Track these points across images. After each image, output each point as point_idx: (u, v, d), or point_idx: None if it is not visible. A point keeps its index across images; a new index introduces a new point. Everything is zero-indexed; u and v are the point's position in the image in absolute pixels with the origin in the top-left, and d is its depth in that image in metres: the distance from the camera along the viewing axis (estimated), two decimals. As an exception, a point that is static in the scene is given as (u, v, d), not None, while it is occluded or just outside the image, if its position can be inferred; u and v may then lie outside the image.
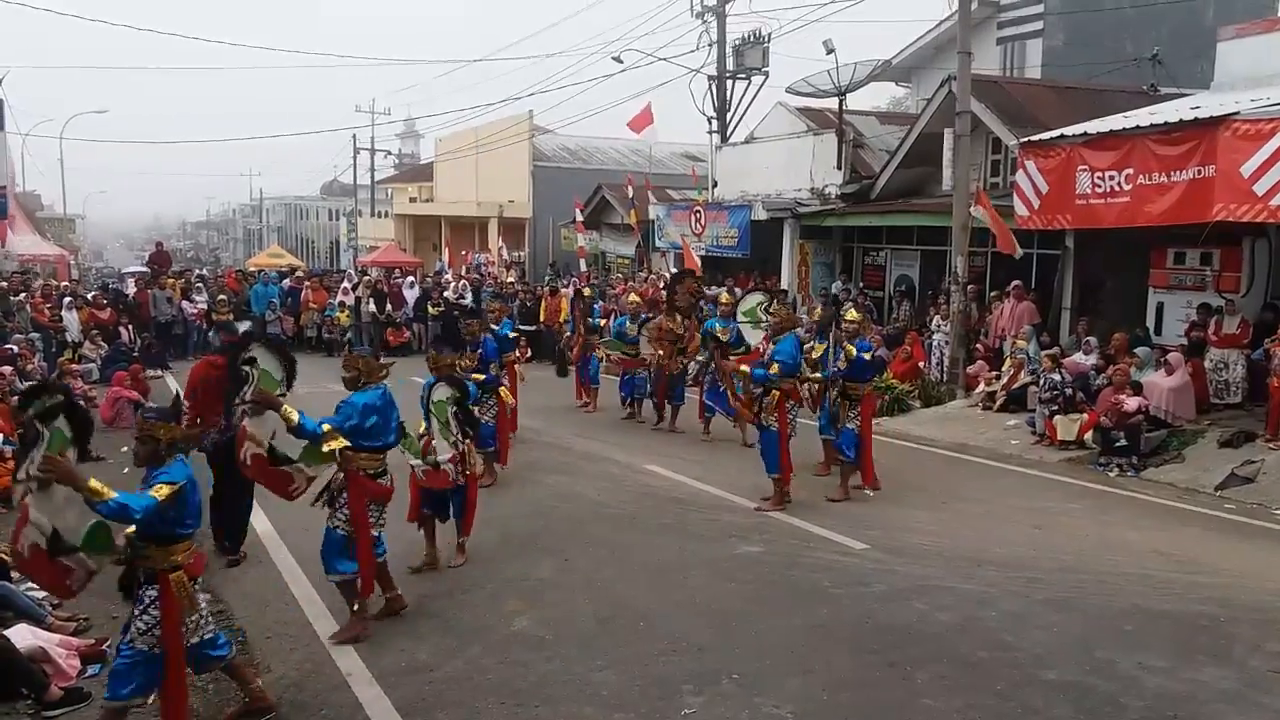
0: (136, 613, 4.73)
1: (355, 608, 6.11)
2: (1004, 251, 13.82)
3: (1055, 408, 11.82)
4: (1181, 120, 11.09)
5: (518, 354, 11.07)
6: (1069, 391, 11.84)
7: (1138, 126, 11.59)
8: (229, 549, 7.81)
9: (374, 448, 6.14)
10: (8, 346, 14.05)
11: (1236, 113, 10.33)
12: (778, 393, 8.69)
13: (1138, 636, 6.06)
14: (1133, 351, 11.95)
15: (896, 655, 5.78)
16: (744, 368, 8.85)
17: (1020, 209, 13.13)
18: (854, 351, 9.13)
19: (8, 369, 12.33)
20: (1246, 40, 13.15)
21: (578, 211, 26.90)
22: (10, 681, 5.38)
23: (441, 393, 7.21)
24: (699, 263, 20.22)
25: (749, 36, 22.75)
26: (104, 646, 6.00)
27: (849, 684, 5.45)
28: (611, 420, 13.57)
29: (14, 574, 7.03)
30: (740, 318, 11.86)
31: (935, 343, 15.32)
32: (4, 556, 7.20)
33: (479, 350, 9.49)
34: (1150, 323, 12.96)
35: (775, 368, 8.61)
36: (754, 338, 11.62)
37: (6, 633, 5.61)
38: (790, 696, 5.27)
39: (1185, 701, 5.22)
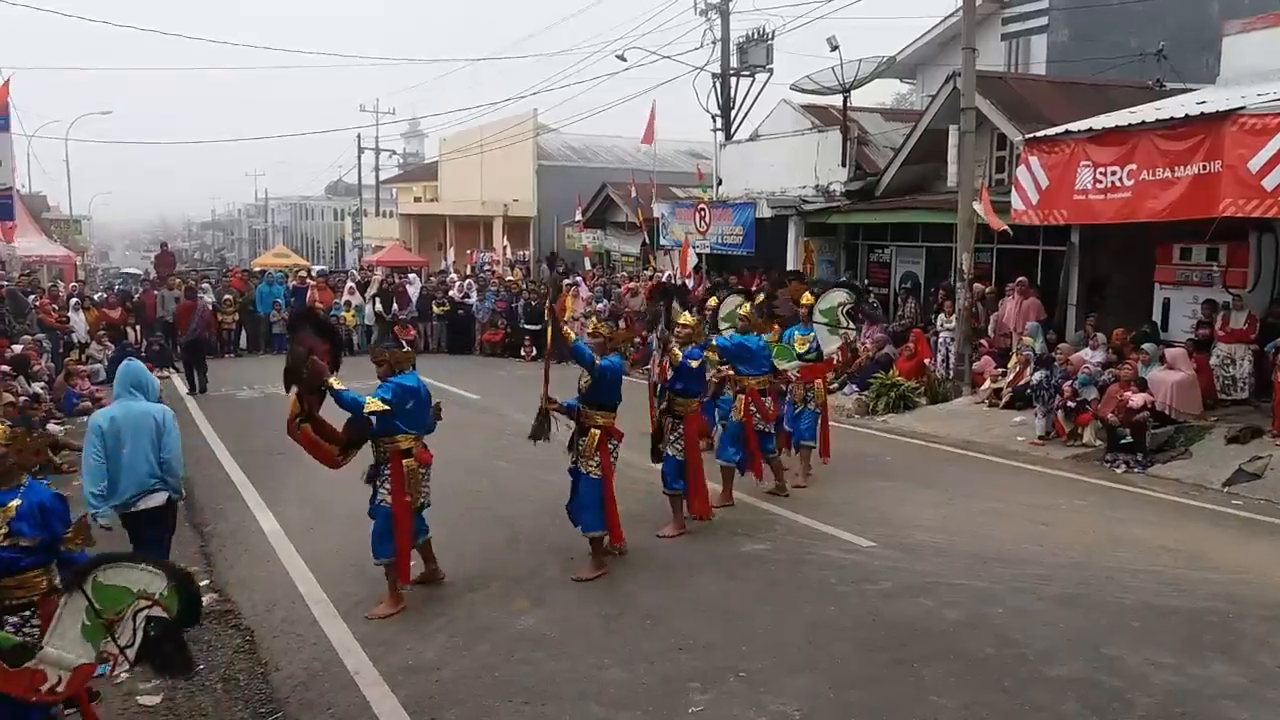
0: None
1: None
2: (993, 228, 13.72)
3: (1046, 407, 11.86)
4: (1187, 115, 11.06)
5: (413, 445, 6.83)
6: (1061, 390, 11.82)
7: (1143, 122, 11.56)
8: (195, 389, 15.85)
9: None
10: (15, 345, 14.10)
11: (1243, 107, 10.30)
12: (597, 431, 7.07)
13: (1145, 633, 6.05)
14: (1140, 348, 11.93)
15: (903, 652, 5.78)
16: (568, 330, 7.36)
17: (1017, 203, 13.13)
18: (679, 356, 7.78)
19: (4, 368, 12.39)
20: (1253, 35, 13.10)
21: (578, 211, 26.99)
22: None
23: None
24: (690, 264, 20.20)
25: (753, 34, 22.72)
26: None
27: (856, 681, 5.45)
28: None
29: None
30: (818, 318, 9.95)
31: (941, 340, 15.30)
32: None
33: None
34: (1157, 318, 12.93)
35: (586, 380, 7.14)
36: (830, 344, 10.03)
37: (15, 632, 5.61)
38: (797, 694, 5.28)
39: (1193, 697, 5.21)
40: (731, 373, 8.89)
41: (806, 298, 10.71)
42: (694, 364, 7.91)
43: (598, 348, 7.18)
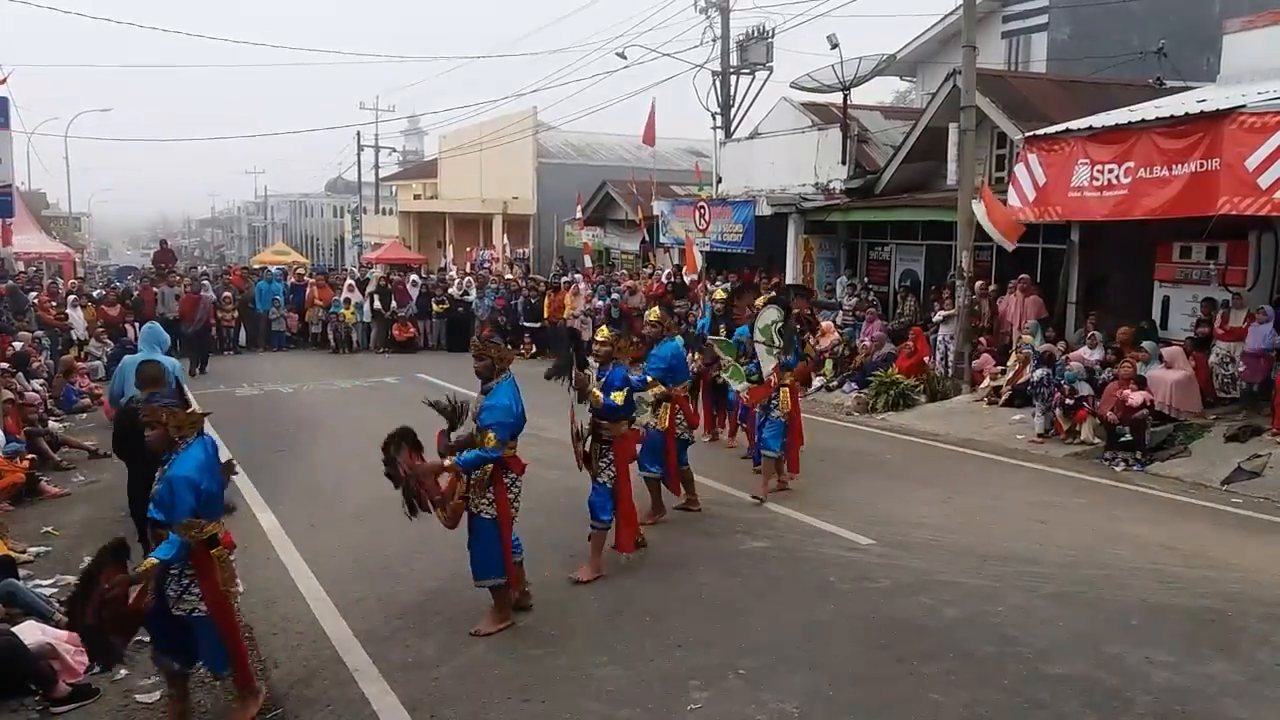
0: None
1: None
2: (1009, 237, 13.65)
3: (1046, 404, 11.86)
4: (1187, 114, 11.06)
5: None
6: (1062, 387, 11.83)
7: (1143, 120, 11.56)
8: (198, 370, 17.60)
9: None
10: (15, 343, 14.08)
11: (1242, 105, 10.30)
12: (491, 465, 6.04)
13: (1145, 631, 6.05)
14: (1139, 346, 11.93)
15: (903, 650, 5.78)
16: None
17: (1014, 200, 13.14)
18: (601, 399, 6.93)
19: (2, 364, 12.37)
20: (1253, 33, 13.10)
21: (578, 209, 27.01)
22: (18, 677, 5.40)
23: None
24: (698, 262, 20.17)
25: (753, 32, 22.71)
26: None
27: (855, 679, 5.45)
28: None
29: (21, 571, 7.08)
30: (757, 336, 9.14)
31: (940, 337, 15.30)
32: (12, 553, 7.24)
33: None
34: (1156, 316, 12.94)
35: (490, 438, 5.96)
36: (767, 364, 9.08)
37: (15, 630, 5.63)
38: (796, 692, 5.28)
39: (1192, 695, 5.21)
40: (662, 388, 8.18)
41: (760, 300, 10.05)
42: (618, 399, 6.94)
43: (485, 369, 6.20)
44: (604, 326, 7.60)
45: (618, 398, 6.92)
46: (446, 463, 6.00)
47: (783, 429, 9.09)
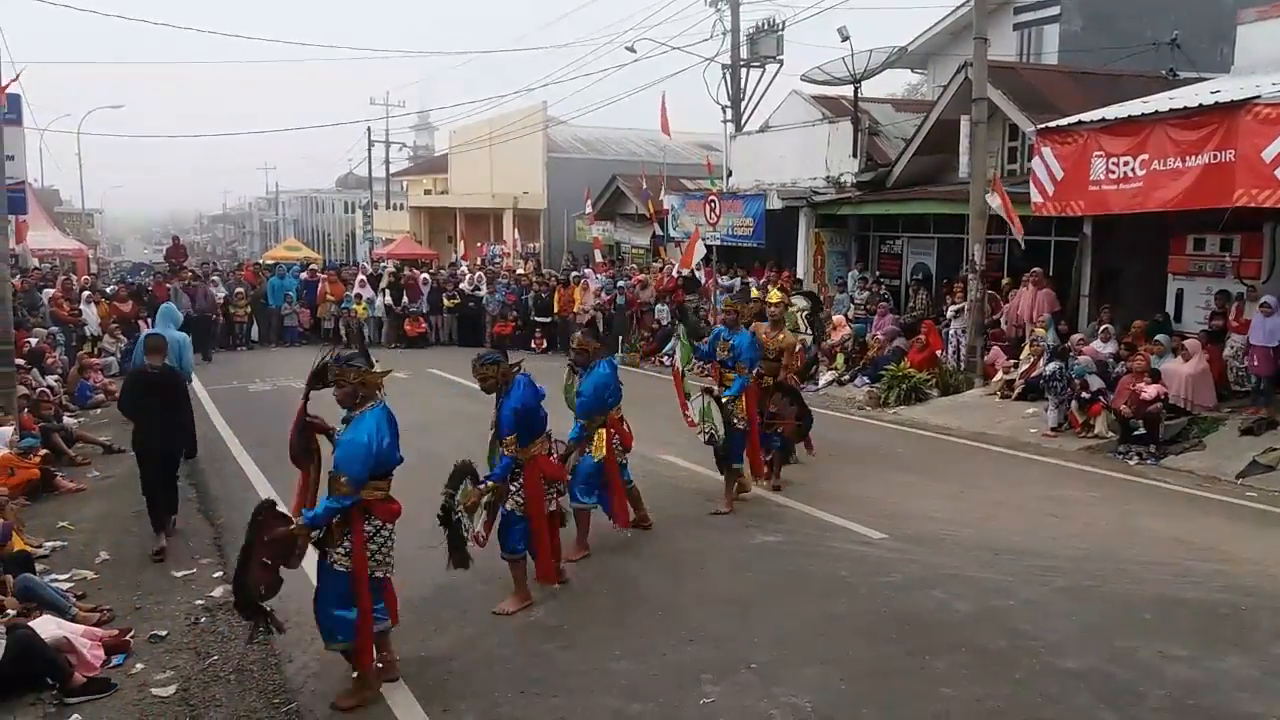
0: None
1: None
2: (1016, 233, 13.67)
3: (1059, 398, 11.81)
4: (1201, 105, 10.99)
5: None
6: (1073, 382, 11.78)
7: (1156, 111, 11.49)
8: (205, 357, 18.07)
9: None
10: (31, 339, 14.17)
11: (1258, 96, 10.23)
12: (357, 507, 5.24)
13: (1158, 625, 6.03)
14: (1153, 339, 11.87)
15: (914, 644, 5.78)
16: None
17: (1035, 196, 13.08)
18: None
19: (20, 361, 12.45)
20: (1268, 23, 13.00)
21: (588, 203, 27.00)
22: (35, 670, 5.45)
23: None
24: (695, 257, 20.06)
25: (763, 24, 22.67)
26: (127, 637, 6.06)
27: (867, 673, 5.45)
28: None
29: (37, 565, 7.13)
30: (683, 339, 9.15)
31: (952, 331, 15.26)
32: (28, 548, 7.30)
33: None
34: (1170, 309, 12.87)
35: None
36: (682, 359, 9.10)
37: (31, 623, 5.68)
38: (808, 686, 5.28)
39: (1206, 690, 5.19)
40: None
41: (773, 295, 10.04)
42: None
43: (345, 398, 5.35)
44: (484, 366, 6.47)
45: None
46: (294, 526, 5.28)
47: (743, 440, 8.60)
